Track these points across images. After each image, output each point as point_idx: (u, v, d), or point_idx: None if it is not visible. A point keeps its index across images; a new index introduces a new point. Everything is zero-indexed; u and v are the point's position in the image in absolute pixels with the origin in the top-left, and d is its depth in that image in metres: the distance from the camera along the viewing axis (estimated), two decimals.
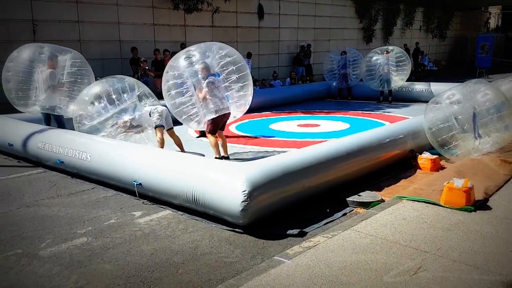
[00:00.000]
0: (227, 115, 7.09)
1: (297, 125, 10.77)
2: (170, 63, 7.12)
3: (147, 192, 5.46)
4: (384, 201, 5.26)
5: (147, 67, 12.49)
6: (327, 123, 10.96)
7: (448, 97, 7.15)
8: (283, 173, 4.88)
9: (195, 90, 6.82)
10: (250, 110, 12.78)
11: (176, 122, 7.50)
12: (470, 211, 4.72)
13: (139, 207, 5.33)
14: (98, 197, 5.76)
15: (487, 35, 31.11)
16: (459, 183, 4.83)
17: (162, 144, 7.14)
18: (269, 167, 4.88)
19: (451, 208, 4.79)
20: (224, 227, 4.66)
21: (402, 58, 14.29)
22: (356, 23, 22.15)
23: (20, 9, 11.10)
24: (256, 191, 4.48)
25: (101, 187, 6.10)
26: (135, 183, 5.43)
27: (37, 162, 7.26)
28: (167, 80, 6.95)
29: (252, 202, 4.41)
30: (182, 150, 7.45)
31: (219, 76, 6.92)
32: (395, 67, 14.19)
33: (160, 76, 7.89)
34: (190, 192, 4.83)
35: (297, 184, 5.04)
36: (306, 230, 4.57)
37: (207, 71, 6.78)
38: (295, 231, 4.49)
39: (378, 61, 14.27)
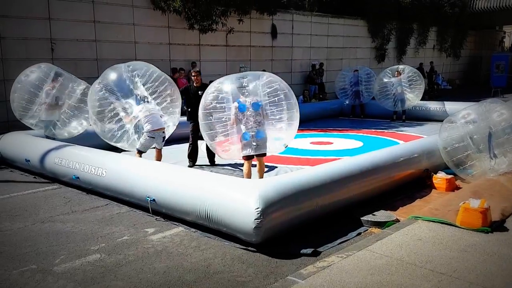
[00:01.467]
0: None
1: (310, 143, 10.76)
2: (216, 84, 6.53)
3: (160, 209, 5.48)
4: (399, 221, 5.20)
5: None
6: (340, 141, 10.93)
7: (463, 116, 7.10)
8: (296, 190, 4.88)
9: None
10: None
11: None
12: (487, 232, 4.64)
13: (152, 224, 5.35)
14: (112, 213, 5.79)
15: (502, 54, 30.92)
16: (475, 203, 4.77)
17: None
18: (282, 185, 4.88)
19: (467, 229, 4.71)
20: (237, 245, 4.64)
21: (414, 78, 14.24)
22: (368, 42, 22.23)
23: (38, 28, 11.38)
24: (269, 208, 4.47)
25: (115, 203, 6.14)
26: (149, 199, 5.46)
27: (53, 177, 7.36)
28: (208, 99, 6.40)
29: (265, 220, 4.40)
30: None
31: (258, 106, 6.27)
32: (408, 87, 14.17)
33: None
34: (203, 209, 4.84)
35: (310, 202, 5.02)
36: (320, 249, 4.53)
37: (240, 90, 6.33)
38: (309, 250, 4.45)
39: (392, 81, 14.25)
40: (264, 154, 6.49)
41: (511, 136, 6.61)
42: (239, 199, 4.63)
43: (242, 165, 6.88)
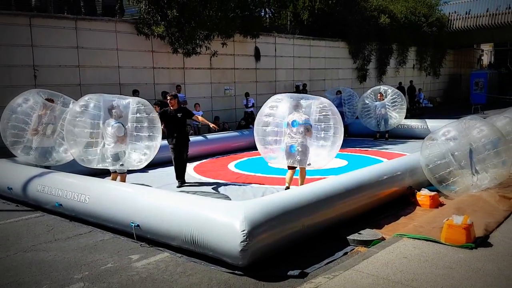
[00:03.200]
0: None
1: None
2: (274, 99, 7.50)
3: (145, 234, 5.41)
4: (384, 239, 5.22)
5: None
6: None
7: (444, 133, 7.22)
8: (283, 211, 4.87)
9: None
10: (248, 148, 13.02)
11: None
12: (471, 249, 4.68)
13: (137, 250, 5.27)
14: (95, 240, 5.70)
15: (481, 72, 31.77)
16: (458, 220, 4.81)
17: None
18: (268, 206, 4.87)
19: (452, 246, 4.75)
20: (224, 269, 4.59)
21: (397, 99, 14.50)
22: (350, 63, 22.64)
23: (21, 55, 11.36)
24: (255, 230, 4.45)
25: (99, 230, 6.05)
26: (133, 224, 5.40)
27: (36, 205, 7.23)
28: (266, 112, 7.42)
29: (251, 242, 4.38)
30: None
31: (306, 124, 7.10)
32: (391, 107, 14.42)
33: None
34: (188, 233, 4.80)
35: (297, 222, 5.01)
36: (307, 270, 4.51)
37: (296, 108, 7.20)
38: (296, 272, 4.43)
39: (375, 104, 14.53)
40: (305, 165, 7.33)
41: (491, 152, 6.74)
42: (224, 222, 4.61)
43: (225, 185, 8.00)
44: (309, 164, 7.32)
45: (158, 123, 7.40)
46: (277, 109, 7.32)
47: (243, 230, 4.38)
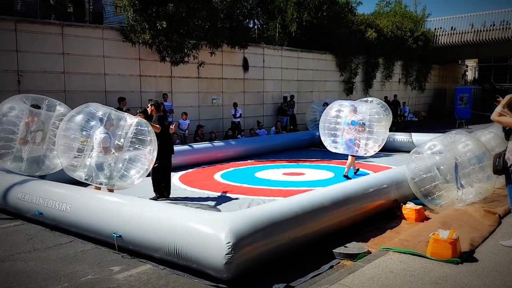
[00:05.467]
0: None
1: (282, 174, 10.76)
2: (337, 104, 10.22)
3: (127, 245, 5.29)
4: (370, 252, 5.19)
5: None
6: (311, 172, 10.98)
7: (430, 147, 7.26)
8: (269, 223, 4.80)
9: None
10: (235, 159, 12.96)
11: None
12: (457, 263, 4.67)
13: (118, 262, 5.14)
14: (75, 251, 5.55)
15: (465, 87, 32.29)
16: (444, 234, 4.80)
17: None
18: (254, 217, 4.80)
19: (437, 260, 4.73)
20: (207, 282, 4.50)
21: (383, 109, 14.56)
22: (337, 75, 22.82)
23: (5, 60, 11.17)
24: (241, 242, 4.37)
25: (80, 240, 5.90)
26: (115, 235, 5.27)
27: (16, 213, 7.05)
28: (332, 114, 10.08)
29: (236, 255, 4.30)
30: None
31: (360, 123, 9.66)
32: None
33: None
34: (172, 245, 4.69)
35: (283, 235, 4.95)
36: (292, 284, 4.44)
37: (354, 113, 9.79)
38: (282, 286, 4.36)
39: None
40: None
41: (477, 167, 6.78)
42: (209, 234, 4.52)
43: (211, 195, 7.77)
44: (364, 153, 9.96)
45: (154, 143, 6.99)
46: (342, 112, 9.96)
47: (228, 242, 4.30)
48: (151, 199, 7.87)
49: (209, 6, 13.62)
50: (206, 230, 4.59)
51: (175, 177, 10.05)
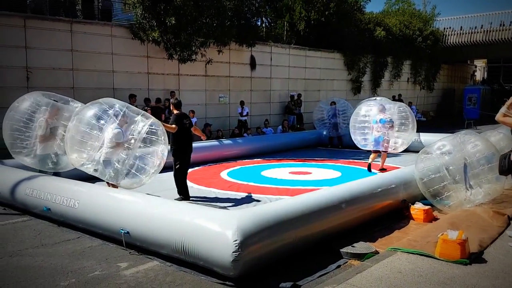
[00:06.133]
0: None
1: (289, 172, 10.74)
2: (366, 105, 11.07)
3: (134, 242, 5.30)
4: (378, 252, 5.15)
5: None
6: (318, 171, 10.95)
7: (439, 147, 7.20)
8: (276, 222, 4.79)
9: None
10: (242, 157, 12.96)
11: None
12: (466, 264, 4.63)
13: (126, 258, 5.16)
14: (83, 246, 5.57)
15: (474, 87, 32.00)
16: (453, 235, 4.76)
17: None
18: (261, 216, 4.79)
19: (446, 261, 4.69)
20: (214, 279, 4.49)
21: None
22: (344, 74, 22.73)
23: (14, 56, 11.23)
24: (248, 240, 4.36)
25: (87, 236, 5.93)
26: (123, 231, 5.29)
27: (24, 209, 7.09)
28: (362, 113, 10.94)
29: (244, 253, 4.29)
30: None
31: (389, 121, 10.42)
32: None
33: None
34: (179, 242, 4.70)
35: (290, 233, 4.93)
36: (299, 283, 4.42)
37: (382, 112, 10.53)
38: (288, 284, 4.34)
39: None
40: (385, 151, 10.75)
41: (486, 167, 6.71)
42: (216, 231, 4.52)
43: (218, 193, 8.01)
44: (392, 149, 10.75)
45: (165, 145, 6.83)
46: (371, 111, 10.70)
47: (235, 240, 4.29)
48: (175, 199, 7.57)
49: (218, 4, 13.62)
50: (213, 227, 4.58)
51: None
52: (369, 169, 10.52)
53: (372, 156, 10.80)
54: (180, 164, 7.65)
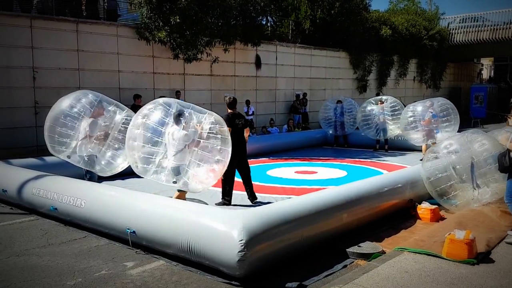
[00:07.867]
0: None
1: (295, 172, 10.72)
2: (412, 105, 12.57)
3: (140, 241, 5.32)
4: (385, 252, 5.13)
5: None
6: (324, 170, 10.92)
7: (446, 146, 7.16)
8: (282, 221, 4.78)
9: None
10: (247, 156, 12.84)
11: None
12: (473, 264, 4.60)
13: (132, 257, 5.17)
14: (90, 246, 5.59)
15: (481, 86, 31.80)
16: (460, 234, 4.73)
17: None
18: (267, 215, 4.78)
19: (453, 261, 4.66)
20: (220, 279, 4.49)
21: (397, 108, 14.42)
22: (350, 73, 22.63)
23: (21, 56, 11.28)
24: (254, 240, 4.36)
25: (94, 235, 5.95)
26: (129, 231, 5.30)
27: (30, 209, 7.12)
28: (409, 113, 12.33)
29: (249, 252, 4.29)
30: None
31: (435, 116, 11.83)
32: (390, 116, 14.32)
33: None
34: (185, 241, 4.70)
35: (296, 233, 4.92)
36: (305, 283, 4.42)
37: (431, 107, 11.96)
38: (294, 284, 4.33)
39: (374, 111, 14.45)
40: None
41: (493, 167, 6.66)
42: (222, 231, 4.52)
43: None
44: (434, 143, 11.07)
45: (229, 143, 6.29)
46: (415, 108, 12.25)
47: (241, 240, 4.29)
48: (216, 204, 7.35)
49: (223, 3, 13.60)
50: (219, 227, 4.58)
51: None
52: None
53: (425, 147, 11.70)
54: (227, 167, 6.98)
